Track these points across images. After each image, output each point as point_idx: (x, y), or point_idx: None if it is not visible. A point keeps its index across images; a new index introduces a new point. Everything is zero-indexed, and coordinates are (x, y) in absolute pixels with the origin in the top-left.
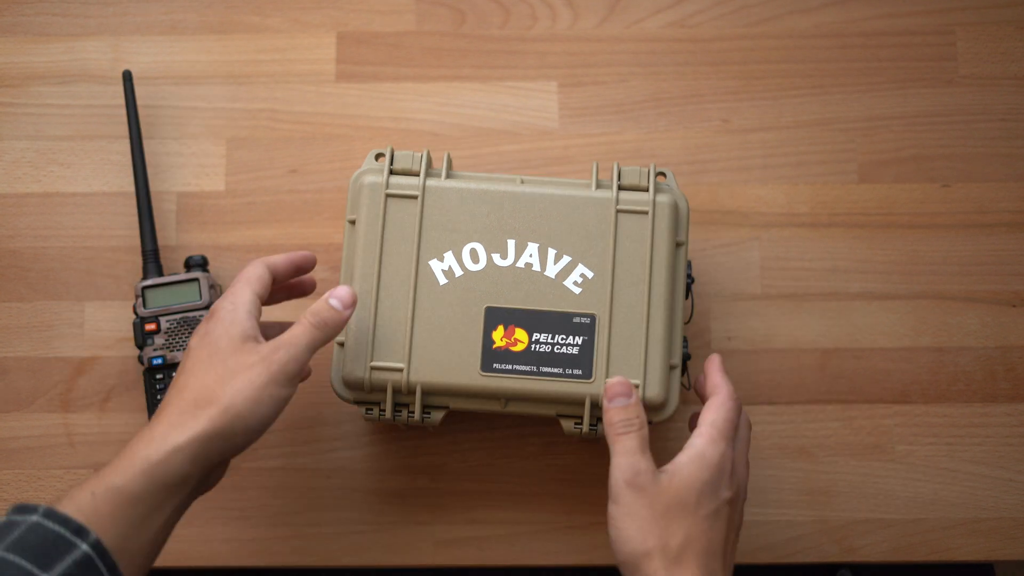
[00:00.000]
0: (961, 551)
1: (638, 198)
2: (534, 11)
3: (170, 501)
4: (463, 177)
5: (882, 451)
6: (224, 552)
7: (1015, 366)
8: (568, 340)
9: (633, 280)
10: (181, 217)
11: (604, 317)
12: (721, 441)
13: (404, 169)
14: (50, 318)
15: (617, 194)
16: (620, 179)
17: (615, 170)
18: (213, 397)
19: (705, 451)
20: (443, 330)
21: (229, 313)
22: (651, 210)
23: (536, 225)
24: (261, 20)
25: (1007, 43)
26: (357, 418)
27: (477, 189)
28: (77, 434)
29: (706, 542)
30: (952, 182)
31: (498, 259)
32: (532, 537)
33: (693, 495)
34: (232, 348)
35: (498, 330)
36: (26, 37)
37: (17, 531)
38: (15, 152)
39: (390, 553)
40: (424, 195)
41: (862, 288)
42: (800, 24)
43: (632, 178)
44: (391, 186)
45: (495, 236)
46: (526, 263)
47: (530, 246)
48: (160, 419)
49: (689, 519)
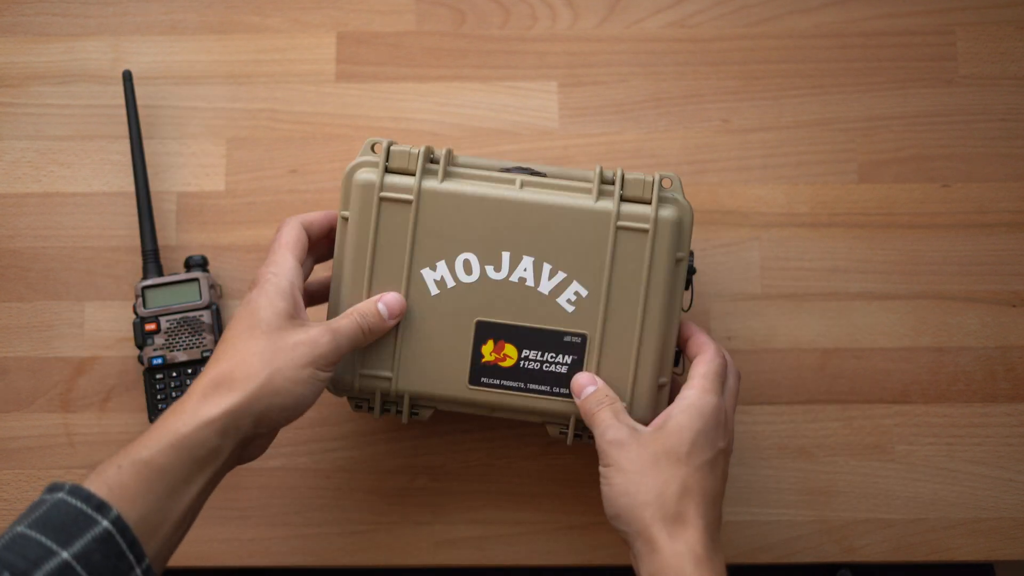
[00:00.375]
0: (961, 551)
1: (640, 213)
2: (534, 11)
3: (200, 475)
4: (461, 176)
5: (882, 451)
6: (224, 552)
7: (1015, 366)
8: (558, 359)
9: (628, 300)
10: (181, 217)
11: (596, 336)
12: (712, 393)
13: (400, 167)
14: (50, 318)
15: (618, 207)
16: (623, 188)
17: (618, 177)
18: (251, 372)
19: (697, 401)
20: (432, 341)
21: (273, 285)
22: (652, 228)
23: (532, 237)
24: (261, 20)
25: (1007, 43)
26: (357, 418)
27: (474, 196)
28: (77, 434)
29: (704, 490)
30: (952, 182)
31: (491, 271)
32: (532, 537)
33: (686, 444)
34: (276, 323)
35: (488, 344)
36: (26, 37)
37: (42, 509)
38: (15, 152)
39: (390, 553)
40: (419, 199)
41: (862, 288)
42: (800, 24)
43: (636, 189)
44: (385, 187)
45: (490, 247)
46: (520, 277)
47: (525, 259)
48: (193, 391)
49: (684, 468)
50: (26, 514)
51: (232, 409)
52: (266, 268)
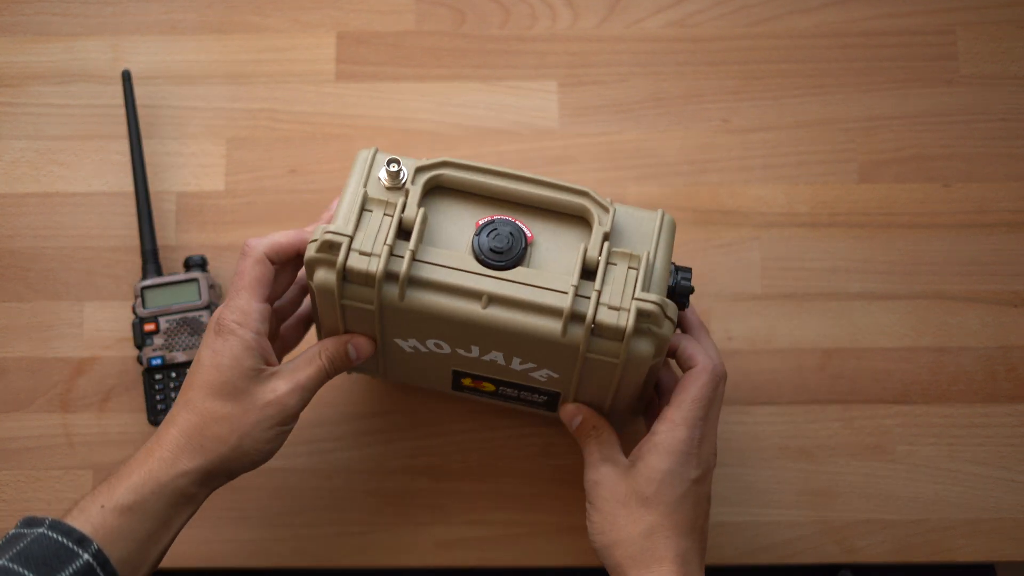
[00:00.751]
0: (962, 552)
1: (610, 348)
2: (534, 11)
3: (178, 518)
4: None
5: (883, 451)
6: (224, 553)
7: (1016, 366)
8: (534, 396)
9: (599, 389)
10: (180, 217)
11: (569, 394)
12: (683, 425)
13: (359, 275)
14: (49, 318)
15: (587, 343)
16: (595, 324)
17: (590, 313)
18: (220, 436)
19: (664, 439)
20: (414, 371)
21: (238, 339)
22: (622, 361)
23: (499, 344)
24: (261, 20)
25: (1008, 43)
26: (357, 418)
27: (439, 314)
28: (76, 434)
29: (676, 525)
30: (953, 182)
31: (462, 352)
32: (532, 538)
33: (653, 485)
34: (242, 386)
35: (467, 379)
36: (25, 36)
37: (23, 542)
38: (14, 152)
39: (390, 554)
40: (381, 311)
41: (863, 288)
42: (800, 24)
43: (610, 319)
44: (346, 296)
45: (459, 342)
46: (491, 359)
47: (494, 352)
48: (169, 439)
49: (652, 508)
50: (5, 547)
51: (205, 468)
52: (228, 313)
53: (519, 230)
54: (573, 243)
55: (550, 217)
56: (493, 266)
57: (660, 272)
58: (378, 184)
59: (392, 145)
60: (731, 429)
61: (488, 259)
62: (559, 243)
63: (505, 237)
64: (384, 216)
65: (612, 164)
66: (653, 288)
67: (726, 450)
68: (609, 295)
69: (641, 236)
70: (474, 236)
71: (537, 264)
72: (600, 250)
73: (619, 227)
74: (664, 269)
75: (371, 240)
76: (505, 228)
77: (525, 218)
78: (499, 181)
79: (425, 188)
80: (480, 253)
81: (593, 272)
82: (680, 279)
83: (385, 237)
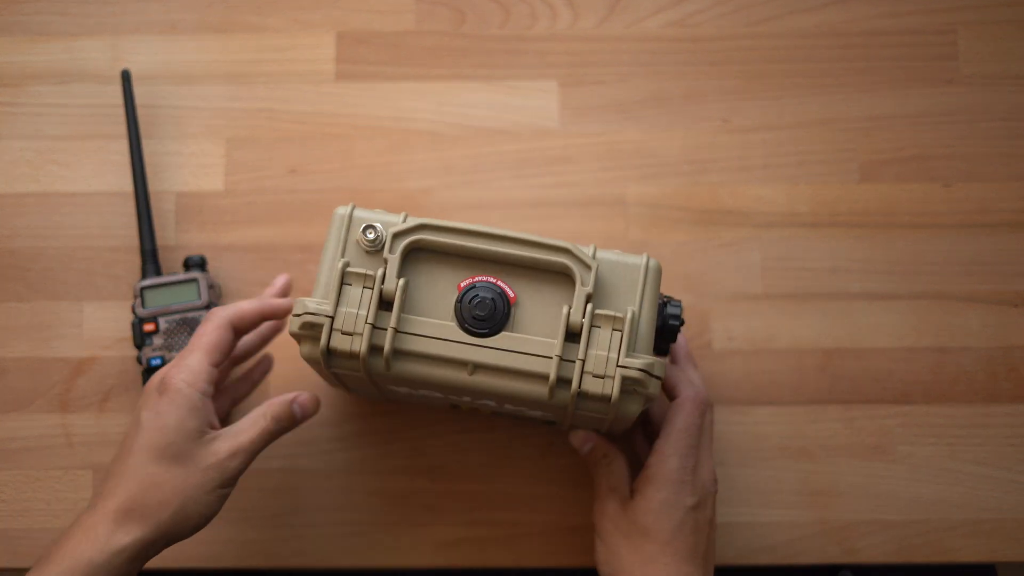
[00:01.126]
0: (963, 552)
1: (598, 408)
2: (534, 10)
3: None
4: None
5: (883, 452)
6: (223, 553)
7: (1017, 366)
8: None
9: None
10: (180, 217)
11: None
12: (673, 456)
13: (343, 354)
14: (49, 318)
15: (574, 407)
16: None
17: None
18: (162, 501)
19: (656, 472)
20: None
21: (184, 398)
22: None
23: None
24: (260, 20)
25: (1009, 42)
26: (357, 418)
27: (425, 381)
28: (76, 435)
29: (676, 551)
30: (954, 182)
31: (455, 398)
32: (532, 538)
33: (651, 516)
34: (185, 448)
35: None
36: (25, 36)
37: None
38: (13, 152)
39: (390, 554)
40: (370, 376)
41: (863, 288)
42: (801, 23)
43: (595, 387)
44: (333, 366)
45: (450, 395)
46: (484, 404)
47: (486, 400)
48: (104, 515)
49: (652, 538)
50: None
51: (144, 539)
52: (177, 372)
53: (501, 295)
54: (557, 300)
55: (533, 274)
56: (477, 334)
57: (646, 326)
58: (356, 248)
59: (392, 145)
60: (731, 429)
61: (472, 327)
62: (543, 301)
63: (487, 304)
64: (364, 289)
65: (612, 164)
66: (639, 345)
67: (726, 450)
68: (593, 364)
69: (627, 286)
70: (456, 302)
71: (521, 325)
72: (583, 312)
73: (603, 280)
74: (650, 323)
75: (352, 319)
76: (487, 293)
77: (507, 276)
78: (478, 243)
79: (403, 253)
80: (463, 321)
81: (577, 334)
82: (668, 319)
83: (367, 315)
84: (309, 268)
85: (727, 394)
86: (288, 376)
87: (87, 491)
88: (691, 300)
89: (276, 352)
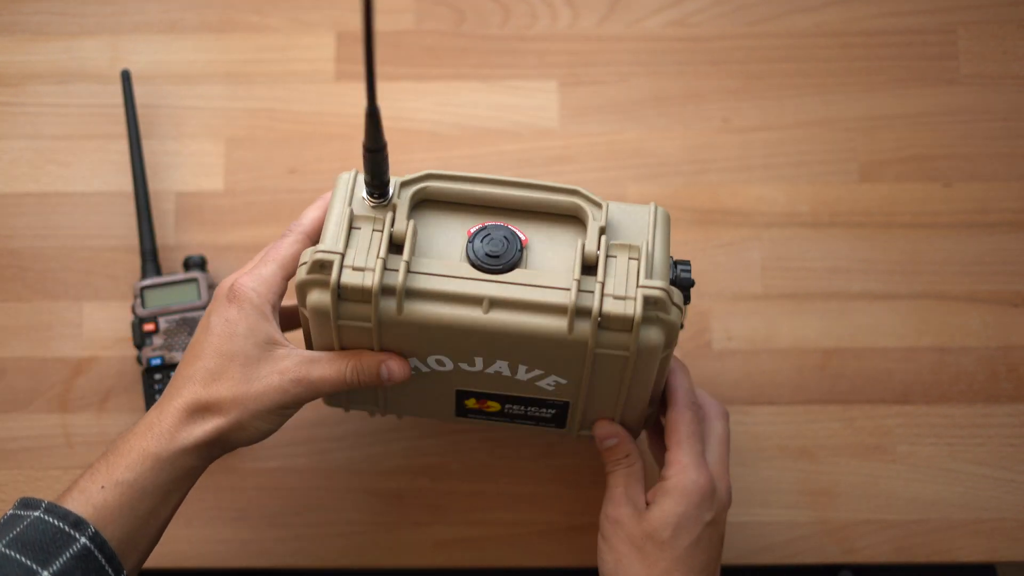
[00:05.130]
0: (963, 552)
1: (619, 341)
2: (534, 10)
3: (178, 492)
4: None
5: (883, 451)
6: (223, 553)
7: (1017, 366)
8: (541, 411)
9: (610, 384)
10: (180, 217)
11: (578, 403)
12: (693, 468)
13: (354, 292)
14: (48, 318)
15: (595, 338)
16: (601, 313)
17: (595, 306)
18: (222, 407)
19: (680, 483)
20: (415, 395)
21: (254, 307)
22: (632, 356)
23: (504, 350)
24: (260, 19)
25: (1009, 42)
26: (357, 418)
27: (437, 324)
28: (76, 435)
29: (690, 567)
30: (954, 182)
31: (466, 366)
32: (532, 538)
33: (669, 529)
34: (254, 354)
35: (471, 400)
36: (24, 36)
37: (19, 526)
38: (13, 152)
39: (390, 554)
40: (379, 328)
41: (863, 288)
42: (801, 23)
43: (616, 308)
44: (342, 316)
45: (461, 354)
46: (495, 371)
47: (499, 362)
48: (169, 414)
49: (667, 552)
50: (1, 530)
51: (208, 439)
52: (248, 280)
53: (512, 234)
54: (568, 242)
55: (542, 219)
56: (490, 271)
57: (660, 260)
58: (363, 204)
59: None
60: (731, 429)
61: (484, 264)
62: (554, 244)
63: (499, 241)
64: (373, 232)
65: (612, 164)
66: (656, 276)
67: None
68: (613, 285)
69: (637, 229)
70: (467, 244)
71: (534, 266)
72: (598, 244)
73: (613, 223)
74: (664, 258)
75: (363, 255)
76: (498, 232)
77: (517, 222)
78: (486, 188)
79: (412, 201)
80: (476, 259)
81: (593, 267)
82: (680, 272)
83: (377, 251)
84: None
85: (726, 394)
86: None
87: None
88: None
89: None
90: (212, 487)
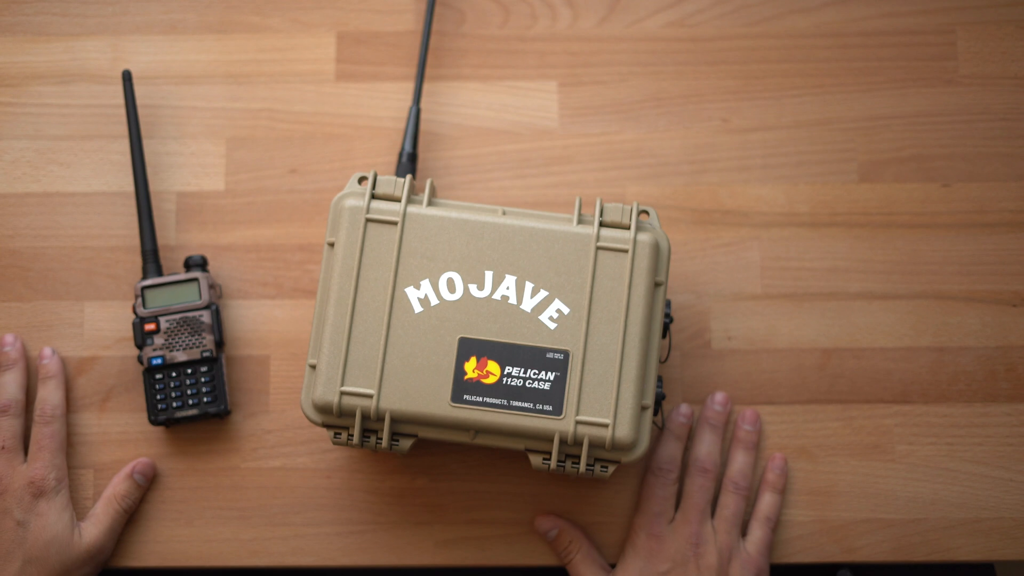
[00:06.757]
0: (962, 551)
1: (619, 236)
2: (534, 11)
3: None
4: (445, 205)
5: (882, 451)
6: (223, 552)
7: (1015, 366)
8: (540, 375)
9: (609, 318)
10: (181, 217)
11: (578, 353)
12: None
13: (386, 194)
14: (50, 318)
15: (598, 230)
16: (602, 215)
17: (597, 206)
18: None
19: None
20: (415, 358)
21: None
22: (631, 248)
23: (515, 257)
24: (261, 20)
25: (1007, 43)
26: None
27: (458, 218)
28: (77, 434)
29: None
30: (952, 182)
31: (475, 290)
32: (532, 537)
33: None
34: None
35: (471, 361)
36: (26, 36)
37: None
38: (14, 152)
39: (390, 553)
40: (404, 221)
41: (862, 288)
42: (800, 24)
43: (614, 215)
44: (372, 211)
45: (473, 266)
46: (502, 296)
47: (507, 278)
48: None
49: None
50: None
51: None
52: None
53: None
54: None
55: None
56: None
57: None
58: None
59: (392, 145)
60: (730, 429)
61: None
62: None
63: None
64: (396, 179)
65: (612, 164)
66: None
67: (725, 449)
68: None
69: None
70: None
71: None
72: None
73: None
74: None
75: (391, 182)
76: None
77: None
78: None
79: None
80: None
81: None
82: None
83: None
84: (309, 268)
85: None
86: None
87: (88, 490)
88: (690, 299)
89: (275, 351)
90: (213, 487)
